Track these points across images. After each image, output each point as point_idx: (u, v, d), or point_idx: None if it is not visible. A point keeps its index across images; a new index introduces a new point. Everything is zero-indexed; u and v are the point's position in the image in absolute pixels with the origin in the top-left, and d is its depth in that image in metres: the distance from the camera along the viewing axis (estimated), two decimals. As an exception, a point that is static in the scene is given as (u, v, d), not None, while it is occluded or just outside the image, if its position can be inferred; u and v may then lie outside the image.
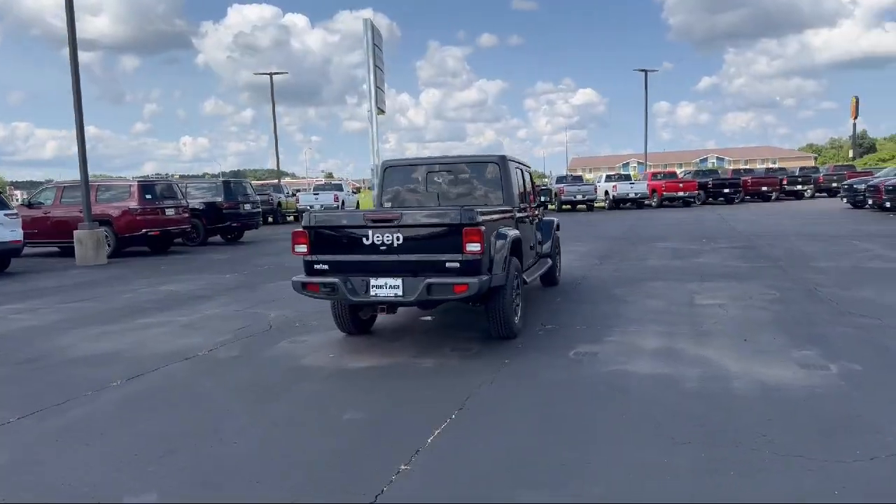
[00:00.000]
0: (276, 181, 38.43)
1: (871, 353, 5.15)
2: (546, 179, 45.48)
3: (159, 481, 3.33)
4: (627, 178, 33.24)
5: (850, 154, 62.83)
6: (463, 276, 5.21)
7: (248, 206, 19.13)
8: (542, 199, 9.38)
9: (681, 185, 31.65)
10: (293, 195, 32.18)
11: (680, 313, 6.86)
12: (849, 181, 25.43)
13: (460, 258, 5.23)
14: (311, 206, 27.28)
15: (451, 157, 7.20)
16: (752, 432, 3.63)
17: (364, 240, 5.44)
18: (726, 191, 32.52)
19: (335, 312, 6.22)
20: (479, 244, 5.18)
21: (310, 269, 5.62)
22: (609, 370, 4.95)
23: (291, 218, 30.28)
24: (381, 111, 37.58)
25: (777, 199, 33.39)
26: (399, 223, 5.35)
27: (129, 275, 12.16)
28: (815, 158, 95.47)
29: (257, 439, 3.86)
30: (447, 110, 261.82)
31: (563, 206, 31.16)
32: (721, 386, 4.47)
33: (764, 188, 33.23)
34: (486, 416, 4.10)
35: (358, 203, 33.43)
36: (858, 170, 35.83)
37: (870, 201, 21.05)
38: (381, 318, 6.77)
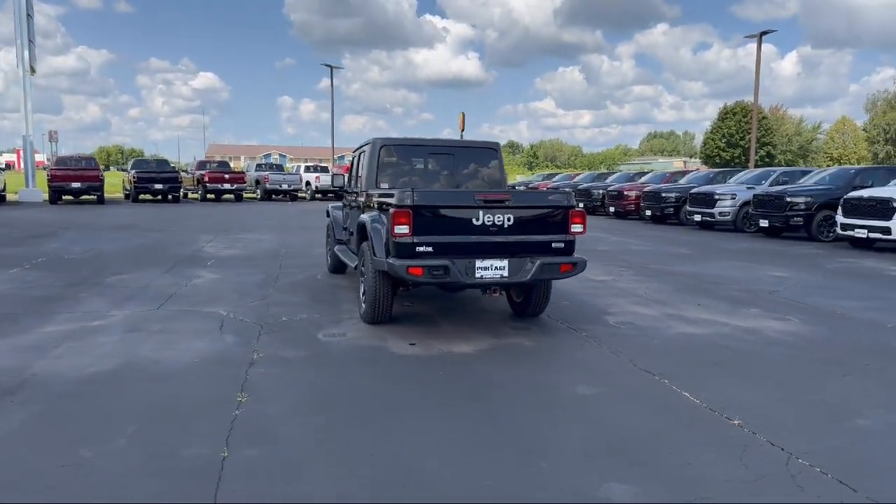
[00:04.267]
0: None
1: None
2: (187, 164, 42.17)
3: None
4: (325, 169, 33.86)
5: None
6: (567, 256, 5.49)
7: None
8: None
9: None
10: None
11: (615, 288, 8.06)
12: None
13: (566, 239, 5.49)
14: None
15: (450, 140, 7.14)
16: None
17: (474, 220, 5.26)
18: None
19: (374, 301, 5.74)
20: (583, 226, 5.52)
21: (410, 251, 5.16)
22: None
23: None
24: (32, 70, 31.12)
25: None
26: (510, 204, 5.33)
27: None
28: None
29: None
30: (37, 77, 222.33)
31: (257, 194, 30.29)
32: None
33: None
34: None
35: (4, 184, 26.99)
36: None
37: (611, 209, 22.59)
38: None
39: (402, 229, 5.09)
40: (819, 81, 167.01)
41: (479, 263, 5.24)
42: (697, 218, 17.84)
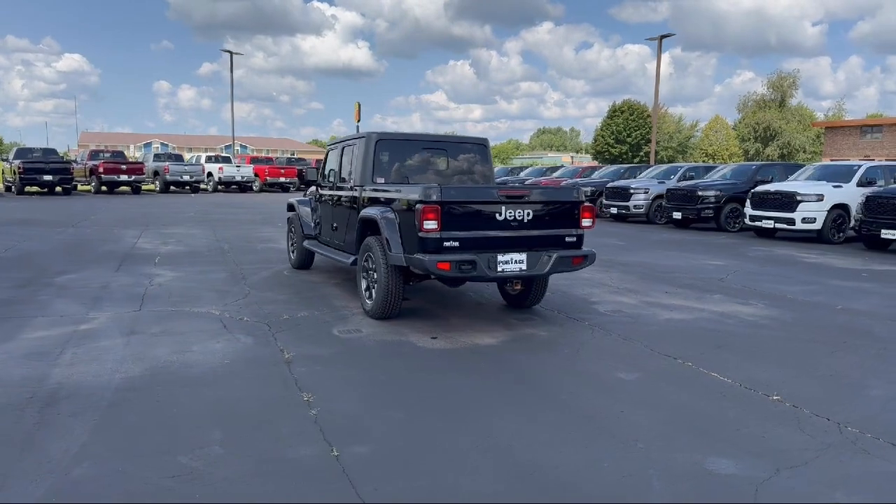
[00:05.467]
0: None
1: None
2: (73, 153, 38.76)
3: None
4: (227, 159, 32.52)
5: None
6: (578, 249, 5.75)
7: None
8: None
9: (283, 171, 32.72)
10: None
11: (583, 278, 8.46)
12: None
13: (577, 233, 5.74)
14: None
15: (443, 135, 7.17)
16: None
17: (497, 216, 5.39)
18: (317, 178, 34.98)
19: (386, 296, 5.75)
20: (592, 220, 5.79)
21: (438, 246, 5.20)
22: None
23: None
24: None
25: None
26: (529, 199, 5.51)
27: None
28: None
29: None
30: None
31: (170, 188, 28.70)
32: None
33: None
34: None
35: None
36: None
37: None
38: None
39: (431, 224, 5.13)
40: (688, 82, 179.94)
41: (500, 258, 5.38)
42: (613, 210, 18.85)
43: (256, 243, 11.57)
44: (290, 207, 9.05)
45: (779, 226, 13.87)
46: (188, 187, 29.20)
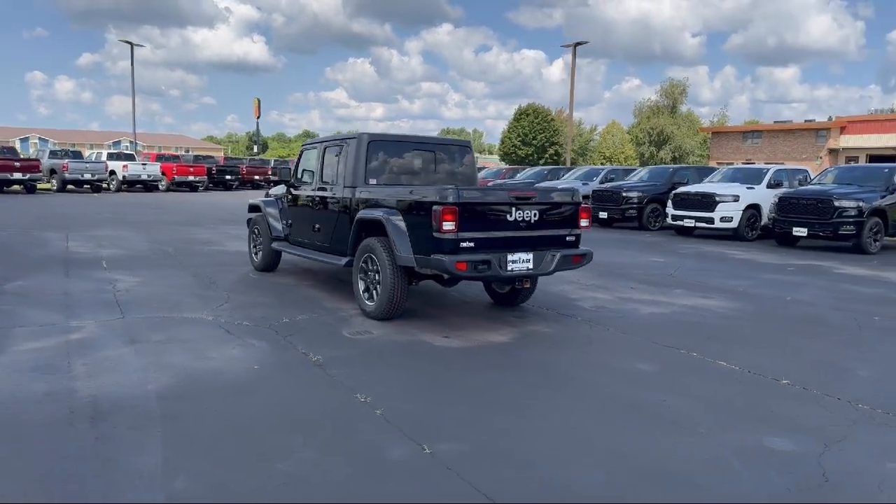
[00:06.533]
0: None
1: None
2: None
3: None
4: (131, 157, 30.72)
5: (255, 149, 71.15)
6: (576, 248, 6.02)
7: None
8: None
9: (192, 169, 31.33)
10: None
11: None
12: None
13: (576, 233, 6.01)
14: None
15: (431, 137, 7.22)
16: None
17: (507, 216, 5.55)
18: (228, 177, 33.82)
19: (392, 297, 5.79)
20: (588, 221, 6.08)
21: (455, 247, 5.29)
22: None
23: None
24: None
25: (265, 187, 36.66)
26: (536, 200, 5.71)
27: None
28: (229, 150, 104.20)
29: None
30: None
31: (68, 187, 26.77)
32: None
33: (256, 176, 35.94)
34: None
35: None
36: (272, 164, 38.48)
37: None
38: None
39: (450, 225, 5.22)
40: (581, 87, 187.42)
41: (510, 257, 5.55)
42: (540, 210, 19.49)
43: (198, 245, 11.12)
44: (254, 208, 8.80)
45: (699, 225, 14.90)
46: (88, 186, 27.37)
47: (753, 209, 14.77)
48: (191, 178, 31.02)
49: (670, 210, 15.62)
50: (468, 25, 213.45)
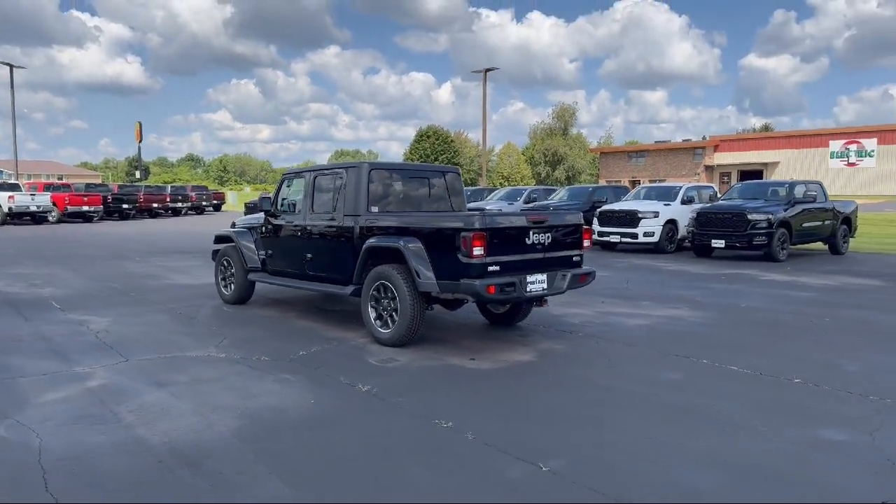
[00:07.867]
0: None
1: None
2: None
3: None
4: (16, 187, 28.31)
5: (138, 174, 67.74)
6: (581, 268, 6.36)
7: None
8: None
9: (86, 198, 29.35)
10: None
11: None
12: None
13: (581, 253, 6.35)
14: None
15: (424, 165, 7.30)
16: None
17: (526, 240, 5.80)
18: (125, 206, 32.00)
19: (411, 323, 5.88)
20: (590, 241, 6.45)
21: (483, 271, 5.46)
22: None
23: None
24: None
25: (164, 215, 34.99)
26: (549, 223, 6.00)
27: None
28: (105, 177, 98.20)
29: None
30: None
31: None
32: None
33: (155, 204, 34.25)
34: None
35: None
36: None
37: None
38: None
39: (479, 251, 5.40)
40: (468, 110, 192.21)
41: (528, 279, 5.80)
42: (467, 231, 19.95)
43: (144, 280, 10.57)
44: (223, 239, 8.53)
45: (624, 240, 15.85)
46: (-33, 220, 24.99)
47: (671, 224, 15.90)
48: (85, 207, 29.04)
49: (596, 227, 16.48)
50: (356, 48, 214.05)
